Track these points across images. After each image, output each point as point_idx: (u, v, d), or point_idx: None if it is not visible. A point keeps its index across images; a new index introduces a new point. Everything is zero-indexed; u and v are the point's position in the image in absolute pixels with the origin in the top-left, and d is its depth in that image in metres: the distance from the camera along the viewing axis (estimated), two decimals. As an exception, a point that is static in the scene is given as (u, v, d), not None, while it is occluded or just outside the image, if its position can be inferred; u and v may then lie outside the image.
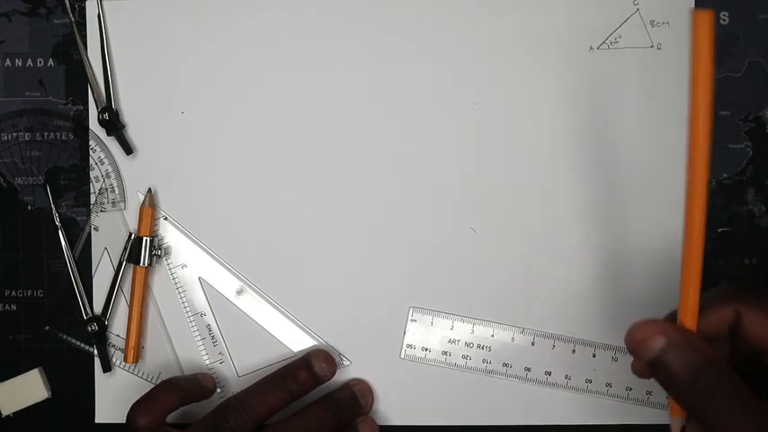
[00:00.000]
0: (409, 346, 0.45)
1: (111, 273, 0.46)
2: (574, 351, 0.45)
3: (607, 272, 0.45)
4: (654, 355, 0.32)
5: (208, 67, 0.46)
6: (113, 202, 0.46)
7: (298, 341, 0.46)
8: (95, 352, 0.46)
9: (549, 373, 0.45)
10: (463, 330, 0.45)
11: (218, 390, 0.46)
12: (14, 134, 0.47)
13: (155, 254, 0.46)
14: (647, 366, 0.33)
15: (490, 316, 0.45)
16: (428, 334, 0.45)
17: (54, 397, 0.47)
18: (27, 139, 0.47)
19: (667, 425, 0.40)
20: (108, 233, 0.47)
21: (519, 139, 0.45)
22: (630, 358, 0.45)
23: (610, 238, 0.45)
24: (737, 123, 0.45)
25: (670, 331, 0.32)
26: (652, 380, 0.45)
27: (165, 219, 0.46)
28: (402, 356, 0.45)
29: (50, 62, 0.47)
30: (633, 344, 0.33)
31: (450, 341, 0.45)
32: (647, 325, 0.33)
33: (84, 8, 0.46)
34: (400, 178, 0.46)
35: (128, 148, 0.46)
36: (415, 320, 0.45)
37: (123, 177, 0.46)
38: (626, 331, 0.34)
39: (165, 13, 0.46)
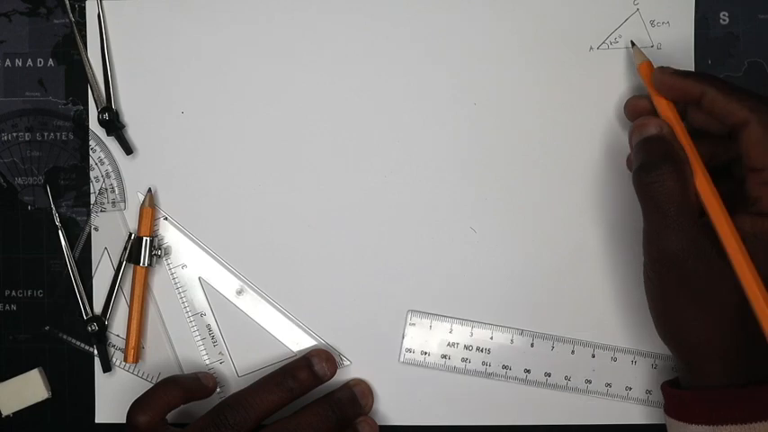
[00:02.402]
0: (408, 350, 0.45)
1: (111, 273, 0.46)
2: (573, 352, 0.45)
3: (607, 272, 0.45)
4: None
5: (208, 67, 0.46)
6: (113, 202, 0.46)
7: (298, 341, 0.46)
8: (95, 352, 0.46)
9: (549, 375, 0.45)
10: (462, 333, 0.45)
11: (219, 389, 0.46)
12: (14, 134, 0.47)
13: (155, 254, 0.46)
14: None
15: (489, 317, 0.45)
16: (427, 337, 0.45)
17: (54, 397, 0.47)
18: (27, 139, 0.47)
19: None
20: (108, 233, 0.47)
21: (519, 139, 0.45)
22: (630, 358, 0.45)
23: (609, 239, 0.45)
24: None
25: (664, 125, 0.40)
26: (652, 380, 0.45)
27: (165, 219, 0.46)
28: (401, 360, 0.45)
29: (50, 62, 0.47)
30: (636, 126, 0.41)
31: (449, 344, 0.45)
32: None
33: (84, 8, 0.46)
34: (400, 179, 0.46)
35: (128, 148, 0.46)
36: (414, 324, 0.45)
37: (123, 177, 0.46)
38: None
39: (165, 13, 0.46)
